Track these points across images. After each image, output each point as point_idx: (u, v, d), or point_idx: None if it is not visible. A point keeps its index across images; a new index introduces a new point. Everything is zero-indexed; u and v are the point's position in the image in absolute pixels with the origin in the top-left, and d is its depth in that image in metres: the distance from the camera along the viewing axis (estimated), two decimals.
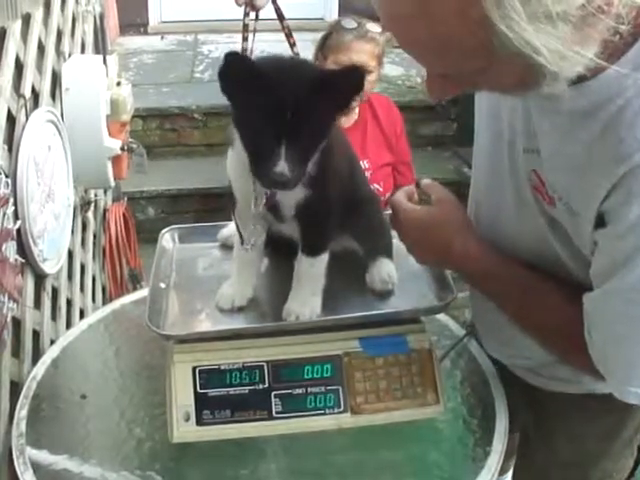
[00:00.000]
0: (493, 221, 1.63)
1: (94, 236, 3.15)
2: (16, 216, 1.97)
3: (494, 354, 1.90)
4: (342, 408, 1.65)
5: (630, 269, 1.19)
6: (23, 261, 2.00)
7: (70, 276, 2.67)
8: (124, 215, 3.43)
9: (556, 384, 1.73)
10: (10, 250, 1.87)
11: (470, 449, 1.70)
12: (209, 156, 5.01)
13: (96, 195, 3.17)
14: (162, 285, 1.82)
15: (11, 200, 1.91)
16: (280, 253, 1.78)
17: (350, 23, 3.15)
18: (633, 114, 1.16)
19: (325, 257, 1.67)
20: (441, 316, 2.06)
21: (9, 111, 2.02)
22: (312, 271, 1.66)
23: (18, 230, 1.98)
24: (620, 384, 1.30)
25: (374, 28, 3.11)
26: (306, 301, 1.66)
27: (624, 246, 1.19)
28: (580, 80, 1.16)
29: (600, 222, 1.25)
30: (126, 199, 3.63)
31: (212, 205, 4.57)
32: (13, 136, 2.06)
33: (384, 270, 1.79)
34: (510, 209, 1.55)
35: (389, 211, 1.72)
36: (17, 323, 2.00)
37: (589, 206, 1.26)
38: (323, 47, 3.21)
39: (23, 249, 2.04)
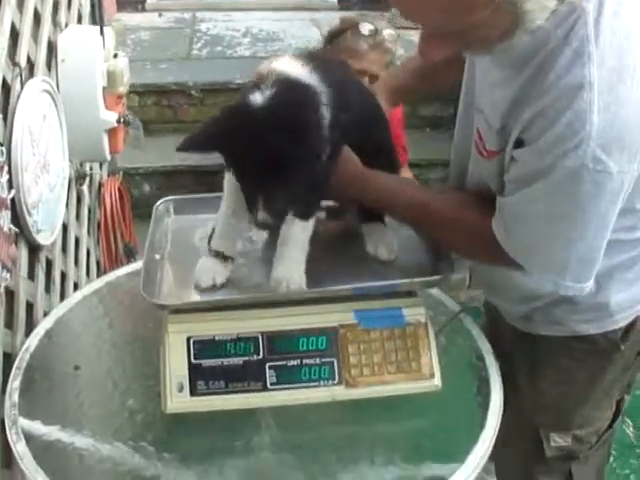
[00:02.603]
0: (461, 176, 1.82)
1: (89, 210, 3.13)
2: (10, 186, 1.95)
3: (493, 300, 2.00)
4: (336, 380, 1.65)
5: (553, 175, 1.40)
6: (17, 231, 1.98)
7: (64, 249, 2.65)
8: (119, 189, 3.41)
9: (546, 327, 1.83)
10: (4, 219, 1.85)
11: (464, 424, 1.70)
12: None
13: (91, 169, 3.15)
14: (157, 256, 1.81)
15: (5, 169, 1.90)
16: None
17: (367, 28, 3.04)
18: (558, 55, 1.38)
19: (312, 223, 1.65)
20: (436, 292, 2.05)
21: (4, 80, 2.00)
22: (300, 236, 1.64)
23: (12, 200, 1.96)
24: (544, 272, 1.56)
25: (391, 36, 3.02)
26: (293, 268, 1.64)
27: (546, 159, 1.40)
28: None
29: (519, 144, 1.48)
30: (122, 173, 3.61)
31: (207, 182, 4.54)
32: (8, 105, 2.04)
33: (387, 238, 1.81)
34: (468, 163, 1.77)
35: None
36: (10, 294, 1.98)
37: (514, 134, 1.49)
38: (332, 43, 3.13)
39: (17, 219, 2.02)
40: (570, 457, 1.97)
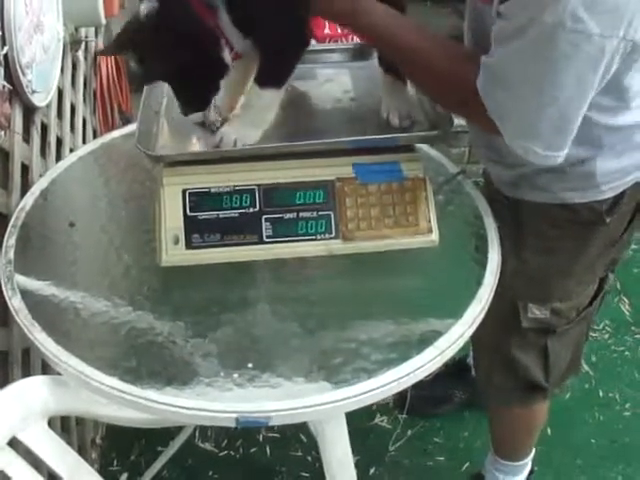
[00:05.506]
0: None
1: (85, 79, 3.08)
2: (3, 43, 1.91)
3: (485, 165, 1.97)
4: (333, 234, 1.65)
5: (530, 32, 1.36)
6: (11, 88, 1.95)
7: (60, 114, 2.62)
8: (115, 58, 3.34)
9: (532, 194, 1.82)
10: None
11: (462, 281, 1.69)
12: None
13: (87, 36, 3.09)
14: (153, 111, 1.79)
15: None
16: None
17: None
18: None
19: (277, 95, 1.62)
20: (437, 155, 2.03)
21: None
22: (259, 103, 1.62)
23: (5, 58, 1.92)
24: (514, 137, 1.51)
25: None
26: (244, 128, 1.63)
27: (526, 13, 1.36)
28: None
29: None
30: None
31: None
32: None
33: (402, 99, 1.77)
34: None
35: None
36: (5, 155, 1.96)
37: None
38: None
39: (11, 78, 1.99)
40: (547, 331, 1.98)
